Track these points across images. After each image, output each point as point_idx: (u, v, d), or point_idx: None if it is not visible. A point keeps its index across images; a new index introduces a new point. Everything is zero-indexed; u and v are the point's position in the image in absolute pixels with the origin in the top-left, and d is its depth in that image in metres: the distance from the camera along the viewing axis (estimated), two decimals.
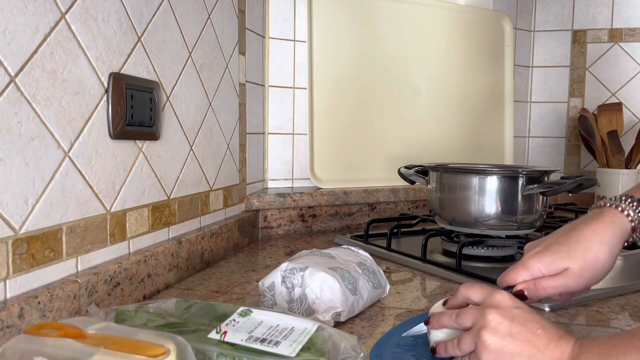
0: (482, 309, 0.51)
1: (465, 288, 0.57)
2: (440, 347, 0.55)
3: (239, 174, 1.17)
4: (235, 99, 1.13)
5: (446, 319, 0.55)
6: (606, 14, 1.80)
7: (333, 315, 0.66)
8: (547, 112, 1.88)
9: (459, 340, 0.52)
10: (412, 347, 0.60)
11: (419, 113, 1.56)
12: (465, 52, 1.65)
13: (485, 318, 0.50)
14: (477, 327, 0.51)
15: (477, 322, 0.51)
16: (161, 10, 0.82)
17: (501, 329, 0.49)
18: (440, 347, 0.55)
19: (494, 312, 0.50)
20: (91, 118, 0.67)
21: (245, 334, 0.52)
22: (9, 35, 0.54)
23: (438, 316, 0.57)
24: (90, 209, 0.67)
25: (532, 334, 0.48)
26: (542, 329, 0.49)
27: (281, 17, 1.37)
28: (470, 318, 0.52)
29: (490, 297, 0.53)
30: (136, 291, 0.74)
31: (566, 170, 1.87)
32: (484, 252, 0.99)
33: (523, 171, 0.99)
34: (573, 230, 0.59)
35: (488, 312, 0.50)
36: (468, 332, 0.52)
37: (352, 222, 1.38)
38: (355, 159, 1.45)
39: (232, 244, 1.09)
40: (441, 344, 0.55)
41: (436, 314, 0.57)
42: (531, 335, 0.48)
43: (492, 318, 0.50)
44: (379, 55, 1.49)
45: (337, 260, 0.74)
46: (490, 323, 0.50)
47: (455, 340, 0.53)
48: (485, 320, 0.50)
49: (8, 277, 0.54)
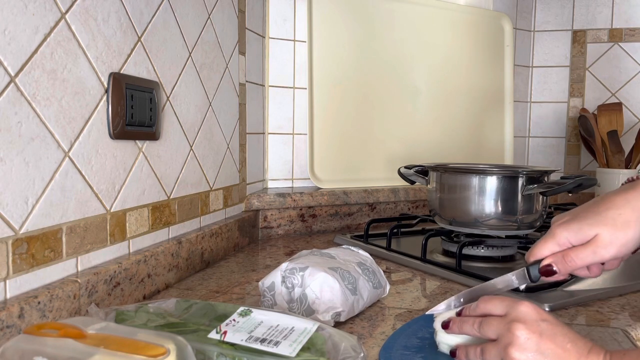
0: (508, 323, 0.49)
1: (484, 302, 0.54)
2: (461, 352, 0.54)
3: (239, 174, 1.17)
4: (235, 99, 1.13)
5: (468, 327, 0.54)
6: (606, 14, 1.80)
7: (333, 315, 0.66)
8: (547, 112, 1.88)
9: (483, 350, 0.51)
10: (420, 349, 0.60)
11: (419, 113, 1.56)
12: (465, 52, 1.65)
13: (512, 334, 0.48)
14: (503, 342, 0.49)
15: (504, 336, 0.49)
16: (161, 10, 0.82)
17: (530, 346, 0.47)
18: (461, 351, 0.54)
19: (521, 327, 0.48)
20: (91, 118, 0.67)
21: (245, 334, 0.52)
22: (9, 35, 0.54)
23: (460, 322, 0.55)
24: (90, 209, 0.67)
25: (562, 349, 0.47)
26: (571, 342, 0.47)
27: (281, 17, 1.37)
28: (494, 330, 0.51)
29: (515, 309, 0.51)
30: (136, 291, 0.74)
31: (566, 170, 1.87)
32: (484, 252, 0.99)
33: (523, 171, 0.99)
34: (603, 199, 0.57)
35: (515, 327, 0.48)
36: (493, 344, 0.50)
37: (352, 222, 1.38)
38: (355, 159, 1.45)
39: (232, 244, 1.09)
40: (462, 349, 0.54)
41: (457, 319, 0.56)
42: (561, 351, 0.47)
43: (520, 334, 0.48)
44: (378, 55, 1.49)
45: (337, 260, 0.74)
46: (518, 340, 0.48)
47: (478, 349, 0.51)
48: (512, 335, 0.48)
49: (8, 277, 0.54)
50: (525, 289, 0.80)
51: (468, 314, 0.56)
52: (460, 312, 0.57)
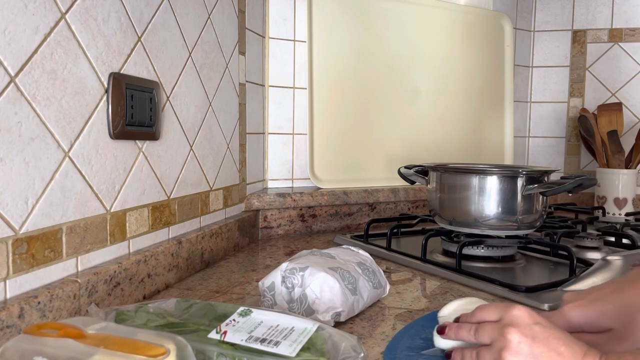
0: (501, 328, 0.50)
1: (479, 311, 0.55)
2: (457, 354, 0.54)
3: (239, 174, 1.17)
4: (235, 99, 1.13)
5: (464, 333, 0.54)
6: (606, 14, 1.80)
7: (333, 315, 0.66)
8: (547, 112, 1.88)
9: (479, 354, 0.51)
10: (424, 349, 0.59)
11: (419, 113, 1.56)
12: (465, 52, 1.65)
13: (505, 338, 0.48)
14: (497, 346, 0.49)
15: (497, 340, 0.49)
16: (161, 10, 0.82)
17: (523, 350, 0.47)
18: (457, 354, 0.54)
19: (514, 331, 0.48)
20: (91, 118, 0.67)
21: (245, 334, 0.52)
22: (9, 35, 0.54)
23: (456, 328, 0.55)
24: (90, 209, 0.67)
25: (556, 352, 0.47)
26: (565, 346, 0.47)
27: (281, 17, 1.37)
28: (488, 335, 0.51)
29: (508, 313, 0.51)
30: (136, 291, 0.74)
31: (566, 170, 1.87)
32: (483, 252, 0.99)
33: (523, 171, 0.99)
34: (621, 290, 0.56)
35: (508, 331, 0.49)
36: (487, 348, 0.50)
37: (352, 222, 1.38)
38: (355, 159, 1.45)
39: (232, 244, 1.09)
40: (458, 352, 0.54)
41: (454, 325, 0.56)
42: (555, 354, 0.47)
43: (512, 338, 0.48)
44: (379, 55, 1.49)
45: (337, 260, 0.74)
46: (510, 344, 0.48)
47: (473, 353, 0.52)
48: (505, 340, 0.48)
49: (8, 277, 0.54)
50: (525, 289, 0.80)
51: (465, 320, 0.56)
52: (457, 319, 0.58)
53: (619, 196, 1.61)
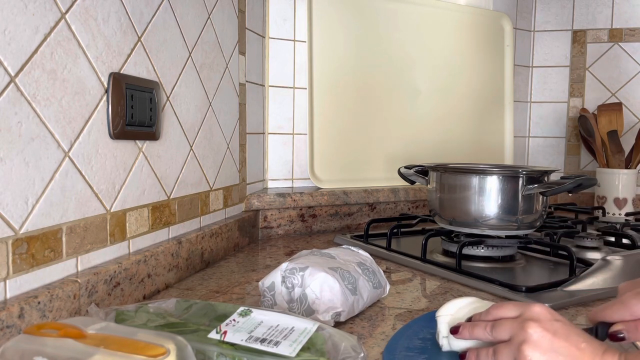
0: (521, 322, 0.49)
1: (495, 309, 0.54)
2: (472, 355, 0.53)
3: (239, 174, 1.17)
4: (235, 99, 1.13)
5: (480, 331, 0.53)
6: (606, 14, 1.80)
7: (333, 315, 0.66)
8: (547, 112, 1.88)
9: (495, 351, 0.50)
10: (423, 350, 0.59)
11: (419, 113, 1.56)
12: (465, 52, 1.65)
13: (525, 331, 0.48)
14: (516, 340, 0.49)
15: (516, 335, 0.49)
16: (161, 10, 0.82)
17: (543, 344, 0.47)
18: (472, 354, 0.53)
19: (534, 325, 0.48)
20: (91, 118, 0.67)
21: (245, 334, 0.52)
22: (9, 35, 0.54)
23: (470, 327, 0.54)
24: (90, 209, 0.67)
25: (576, 348, 0.47)
26: (586, 342, 0.47)
27: (281, 17, 1.37)
28: (507, 330, 0.50)
29: (528, 309, 0.51)
30: (136, 291, 0.74)
31: (566, 170, 1.87)
32: (483, 252, 0.99)
33: (523, 171, 0.99)
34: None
35: (528, 325, 0.48)
36: (505, 344, 0.50)
37: (352, 222, 1.38)
38: (355, 159, 1.45)
39: (232, 244, 1.09)
40: (472, 352, 0.53)
41: (467, 324, 0.55)
42: (575, 350, 0.47)
43: (533, 332, 0.48)
44: (378, 55, 1.49)
45: (337, 260, 0.74)
46: (531, 337, 0.48)
47: (490, 350, 0.51)
48: (525, 333, 0.48)
49: (8, 277, 0.54)
50: (526, 289, 0.80)
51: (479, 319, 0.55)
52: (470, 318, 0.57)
53: (619, 196, 1.61)
